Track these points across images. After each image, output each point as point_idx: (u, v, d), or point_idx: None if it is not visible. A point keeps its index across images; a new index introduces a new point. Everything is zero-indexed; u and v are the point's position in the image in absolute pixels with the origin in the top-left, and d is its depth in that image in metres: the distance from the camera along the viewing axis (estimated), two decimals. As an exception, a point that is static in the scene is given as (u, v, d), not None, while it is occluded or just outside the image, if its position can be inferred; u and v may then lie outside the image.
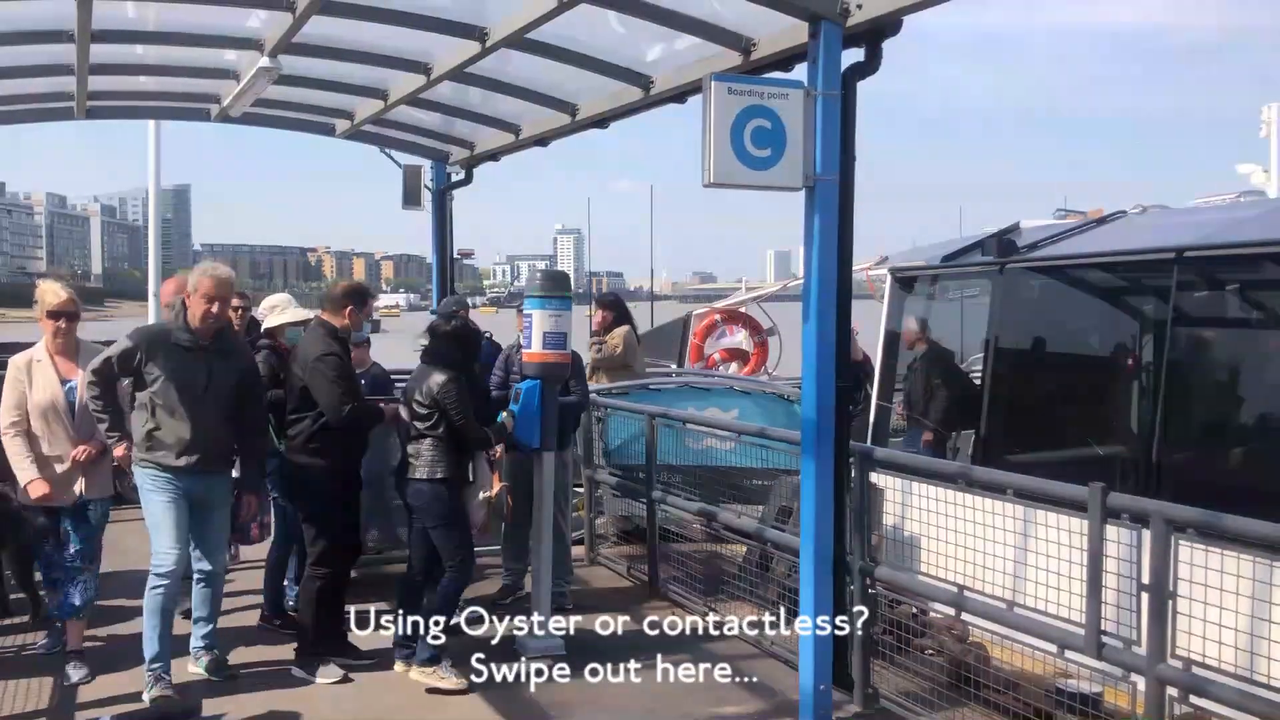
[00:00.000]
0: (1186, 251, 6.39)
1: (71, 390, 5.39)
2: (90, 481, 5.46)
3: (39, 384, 5.38)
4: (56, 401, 5.38)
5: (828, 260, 4.79)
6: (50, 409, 5.37)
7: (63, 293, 5.43)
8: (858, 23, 4.66)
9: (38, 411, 5.36)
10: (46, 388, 5.39)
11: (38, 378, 5.39)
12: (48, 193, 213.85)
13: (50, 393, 5.38)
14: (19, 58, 6.65)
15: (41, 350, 5.44)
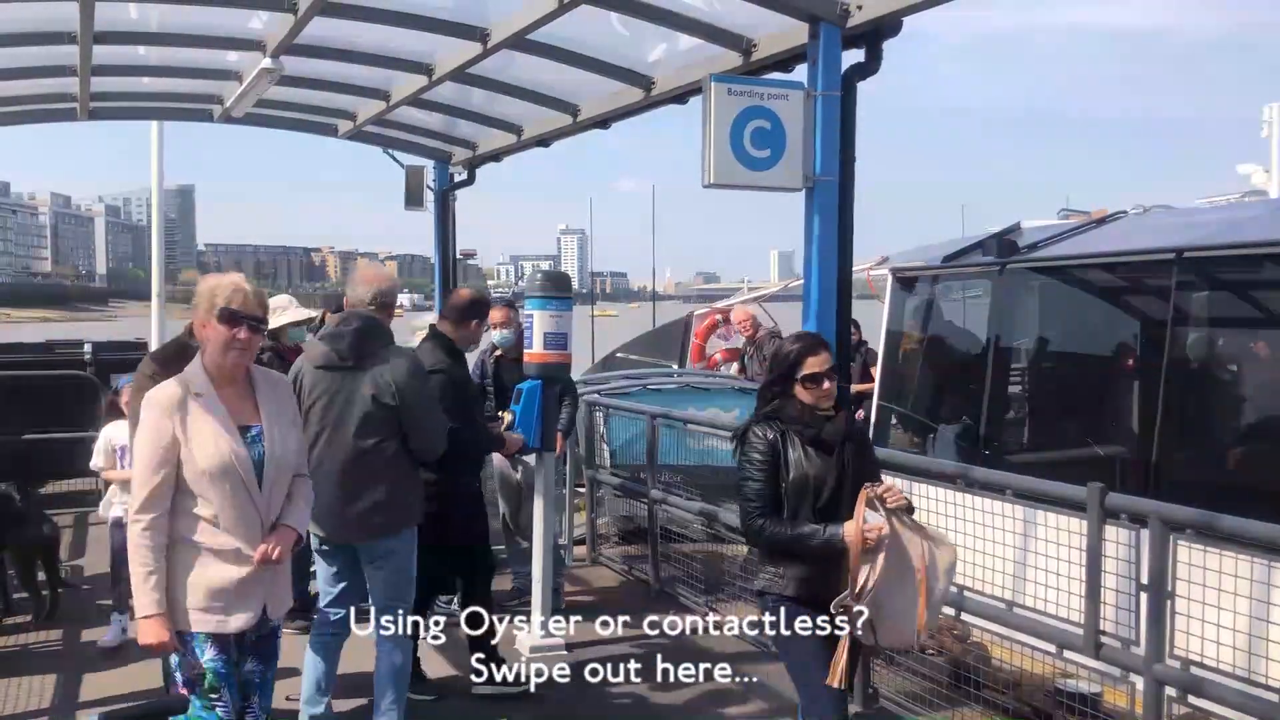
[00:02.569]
0: (1186, 252, 6.39)
1: (257, 441, 3.48)
2: (277, 594, 3.59)
3: (204, 433, 3.40)
4: (237, 461, 3.41)
5: (828, 260, 4.80)
6: (227, 474, 3.41)
7: (249, 288, 3.52)
8: (858, 23, 4.67)
9: (206, 479, 3.38)
10: (217, 439, 3.40)
11: (200, 424, 3.41)
12: (52, 193, 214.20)
13: (225, 447, 3.41)
14: (22, 59, 6.66)
15: (200, 376, 3.47)
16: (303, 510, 3.64)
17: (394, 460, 4.61)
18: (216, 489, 3.37)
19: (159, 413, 3.38)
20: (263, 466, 3.45)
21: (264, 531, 3.45)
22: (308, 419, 4.56)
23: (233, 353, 3.42)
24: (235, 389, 3.51)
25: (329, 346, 4.65)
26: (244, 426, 3.46)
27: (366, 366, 4.57)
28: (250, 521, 3.42)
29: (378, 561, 4.63)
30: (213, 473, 3.36)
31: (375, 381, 4.56)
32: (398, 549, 4.67)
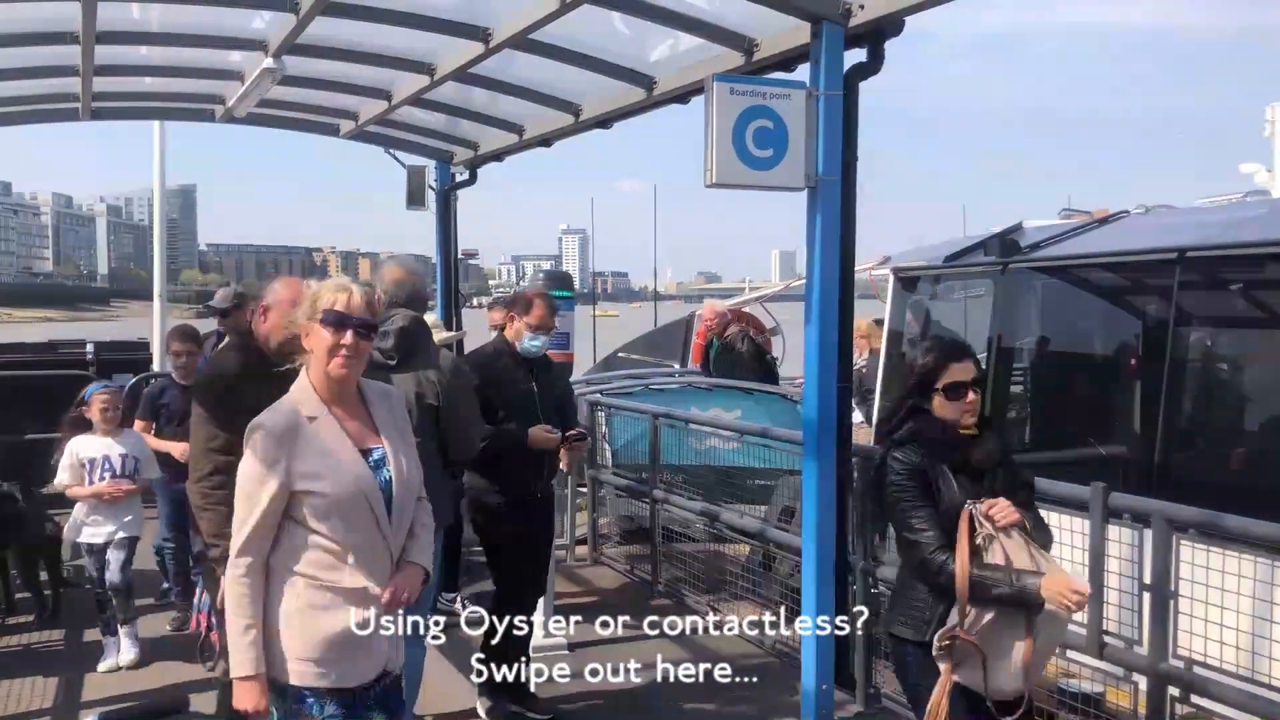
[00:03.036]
0: (1189, 252, 6.39)
1: (381, 466, 3.05)
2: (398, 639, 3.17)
3: (326, 460, 2.98)
4: (366, 490, 2.99)
5: (830, 260, 4.80)
6: (356, 504, 2.98)
7: (355, 288, 3.10)
8: (860, 23, 4.66)
9: (333, 511, 2.95)
10: (342, 465, 2.99)
11: (319, 449, 2.98)
12: (54, 193, 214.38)
13: (353, 474, 2.98)
14: (24, 59, 6.66)
15: (310, 396, 3.04)
16: (426, 543, 3.20)
17: (431, 461, 4.59)
18: (344, 521, 2.95)
19: (270, 441, 2.93)
20: (390, 494, 3.03)
21: (393, 568, 3.05)
22: None
23: (338, 359, 2.98)
24: (348, 407, 3.08)
25: (375, 346, 4.62)
26: (365, 450, 3.04)
27: (411, 366, 4.56)
28: (379, 557, 3.02)
29: None
30: (341, 503, 2.94)
31: (419, 381, 4.55)
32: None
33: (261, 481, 2.92)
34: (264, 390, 3.52)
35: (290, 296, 3.88)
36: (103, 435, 5.94)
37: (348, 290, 3.07)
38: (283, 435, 2.94)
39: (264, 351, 3.86)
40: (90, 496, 5.85)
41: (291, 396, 3.05)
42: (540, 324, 5.20)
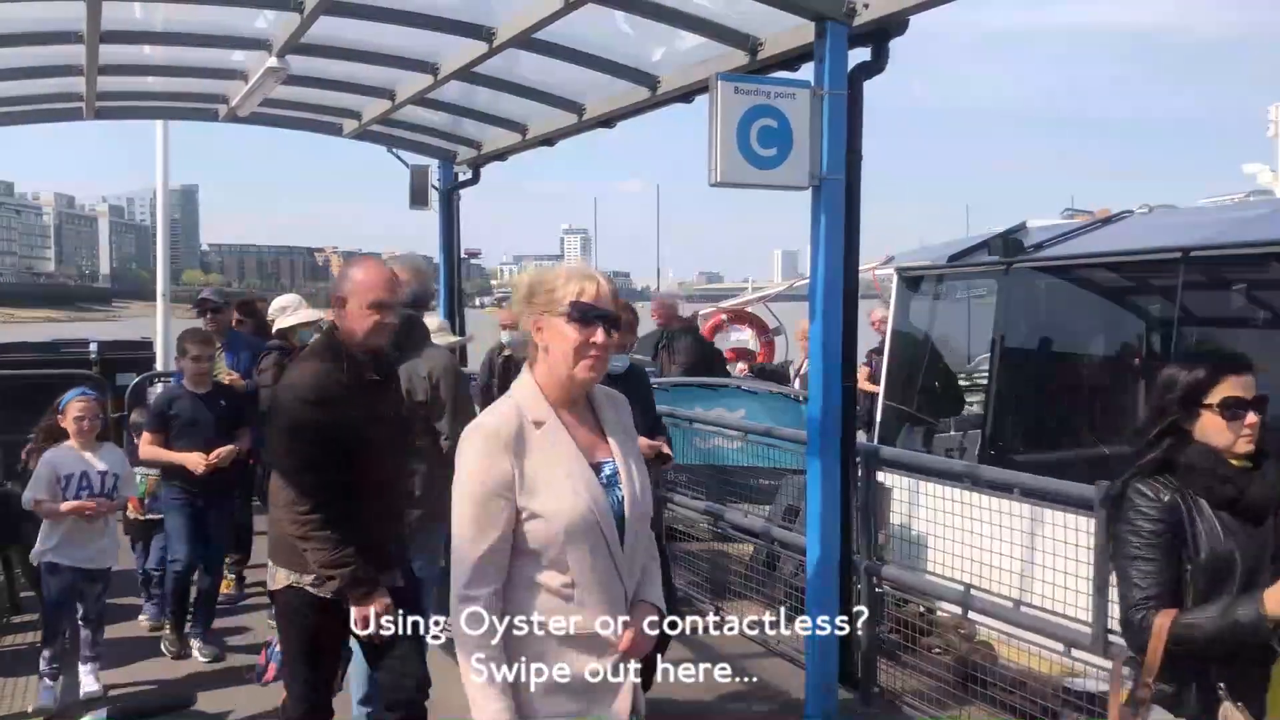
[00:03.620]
0: (1193, 251, 6.39)
1: (613, 484, 2.59)
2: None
3: (555, 476, 2.51)
4: (599, 513, 2.52)
5: (834, 260, 4.80)
6: (589, 530, 2.51)
7: (602, 278, 2.61)
8: (864, 22, 4.67)
9: (561, 538, 2.49)
10: (573, 483, 2.52)
11: (547, 463, 2.52)
12: (56, 193, 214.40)
13: (585, 494, 2.52)
14: (29, 59, 6.67)
15: (538, 399, 2.59)
16: (657, 577, 2.72)
17: (430, 459, 4.63)
18: (574, 551, 2.47)
19: (499, 447, 2.47)
20: (624, 518, 2.57)
21: (627, 604, 2.58)
22: None
23: (585, 362, 2.53)
24: (576, 413, 2.63)
25: None
26: (595, 464, 2.58)
27: (402, 362, 4.54)
28: (613, 594, 2.54)
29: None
30: (571, 529, 2.46)
31: (411, 377, 4.57)
32: (428, 543, 4.72)
33: (492, 495, 2.46)
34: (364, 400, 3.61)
35: (374, 281, 3.66)
36: (80, 448, 5.32)
37: (594, 279, 2.59)
38: (511, 441, 2.48)
39: (354, 354, 3.64)
40: (69, 514, 5.26)
41: (513, 397, 2.60)
42: None
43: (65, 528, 5.27)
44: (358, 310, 3.62)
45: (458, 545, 2.51)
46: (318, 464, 3.51)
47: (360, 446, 3.59)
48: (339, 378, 3.59)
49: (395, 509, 3.89)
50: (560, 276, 2.61)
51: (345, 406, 3.55)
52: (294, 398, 3.58)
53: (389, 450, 3.77)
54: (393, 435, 3.81)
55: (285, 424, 3.60)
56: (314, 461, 3.52)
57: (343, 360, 3.62)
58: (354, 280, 3.65)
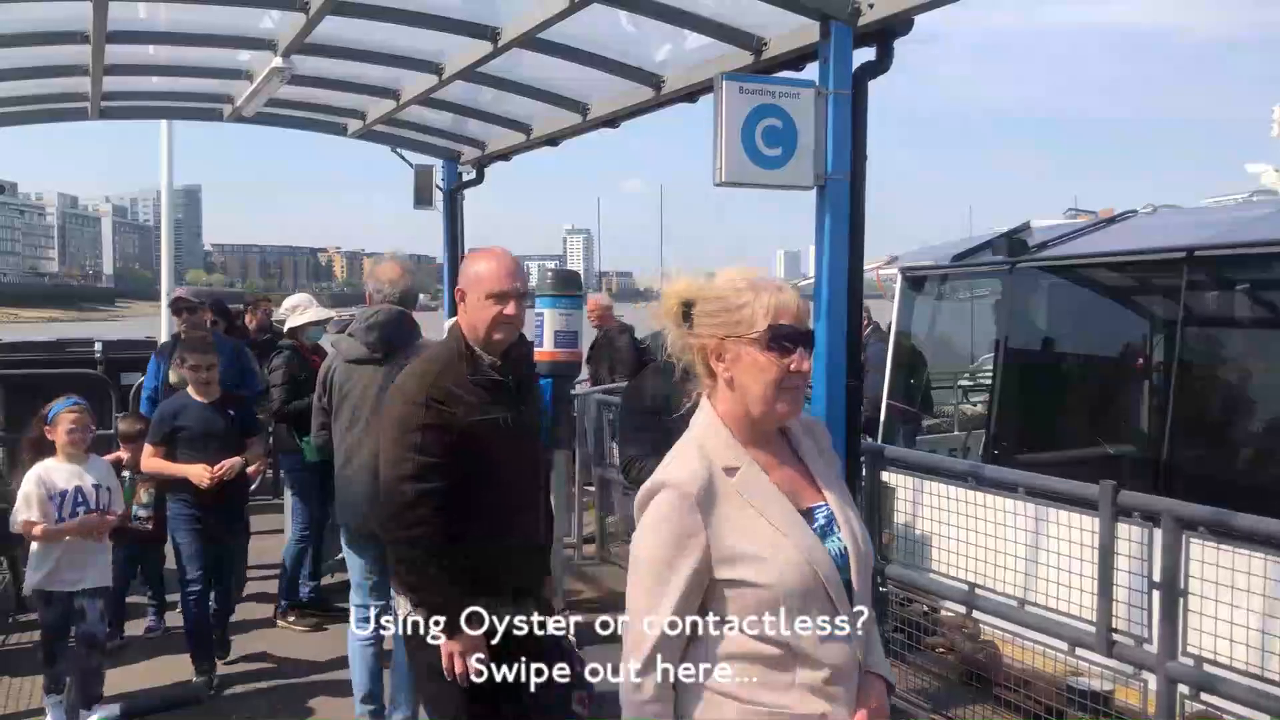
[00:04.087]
0: (1197, 251, 6.39)
1: (830, 532, 2.19)
2: None
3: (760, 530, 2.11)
4: (821, 570, 2.12)
5: (838, 259, 4.80)
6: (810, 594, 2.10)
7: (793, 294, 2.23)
8: (869, 22, 4.67)
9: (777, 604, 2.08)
10: (784, 537, 2.11)
11: (749, 516, 2.12)
12: (59, 193, 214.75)
13: (802, 549, 2.12)
14: (35, 59, 6.68)
15: (729, 442, 2.18)
16: (879, 643, 2.31)
17: None
18: (790, 618, 2.05)
19: (686, 507, 2.04)
20: (847, 572, 2.13)
21: (860, 674, 2.16)
22: (339, 413, 4.66)
23: (787, 396, 2.11)
24: (773, 451, 2.19)
25: (361, 340, 4.69)
26: (805, 510, 2.14)
27: (395, 359, 4.60)
28: (845, 664, 2.10)
29: None
30: (787, 593, 2.03)
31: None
32: None
33: (679, 563, 2.04)
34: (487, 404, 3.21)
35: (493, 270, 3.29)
36: (69, 461, 4.97)
37: (786, 290, 2.15)
38: (701, 498, 2.05)
39: (476, 352, 3.29)
40: (66, 534, 4.87)
41: (696, 438, 2.15)
42: None
43: (61, 550, 4.88)
44: (477, 303, 3.27)
45: (631, 620, 2.10)
46: (423, 475, 3.12)
47: (480, 458, 3.18)
48: (456, 378, 3.22)
49: (524, 532, 3.36)
50: (744, 289, 2.14)
51: (462, 411, 3.18)
52: (402, 400, 3.22)
53: (516, 464, 3.30)
54: (522, 446, 3.32)
55: (390, 429, 3.23)
56: (419, 471, 3.12)
57: (462, 359, 3.26)
58: (472, 271, 3.32)
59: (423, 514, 3.11)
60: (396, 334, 4.69)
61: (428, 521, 3.12)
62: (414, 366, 3.36)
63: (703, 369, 2.18)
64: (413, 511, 3.12)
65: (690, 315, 2.18)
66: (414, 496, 3.12)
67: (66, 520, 4.87)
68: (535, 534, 3.42)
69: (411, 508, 3.12)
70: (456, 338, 3.31)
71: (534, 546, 3.43)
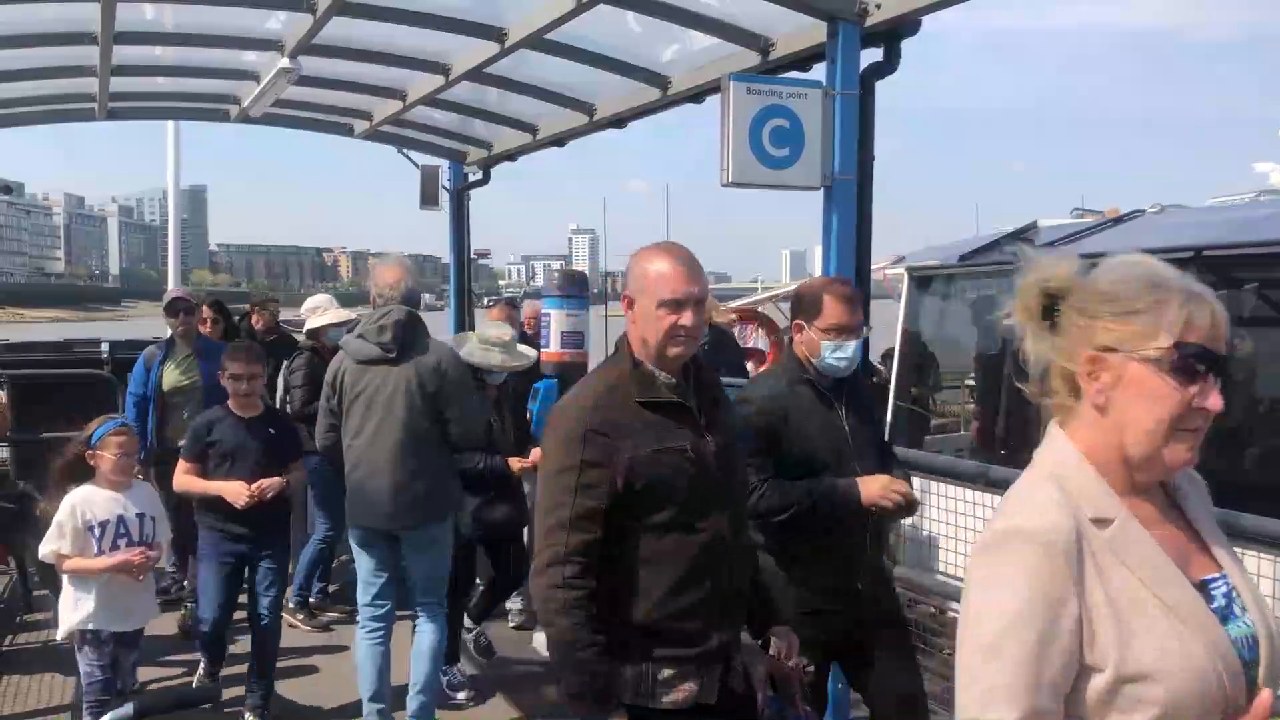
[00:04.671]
0: (1205, 250, 6.37)
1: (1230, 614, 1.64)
2: None
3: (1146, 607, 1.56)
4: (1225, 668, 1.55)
5: (845, 260, 4.80)
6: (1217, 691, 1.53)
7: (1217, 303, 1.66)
8: (876, 22, 4.67)
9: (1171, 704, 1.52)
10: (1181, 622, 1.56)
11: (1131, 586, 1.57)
12: (66, 193, 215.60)
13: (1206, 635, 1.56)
14: (42, 59, 6.70)
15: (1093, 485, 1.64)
16: None
17: (439, 448, 4.76)
18: None
19: (1053, 565, 1.54)
20: (1255, 668, 1.59)
21: None
22: (349, 415, 4.68)
23: (1183, 440, 1.63)
24: (1153, 501, 1.69)
25: (373, 341, 4.72)
26: (1199, 584, 1.62)
27: (408, 358, 4.68)
28: None
29: (423, 546, 4.76)
30: (1180, 696, 1.51)
31: (419, 371, 4.67)
32: (441, 535, 4.83)
33: (1049, 636, 1.52)
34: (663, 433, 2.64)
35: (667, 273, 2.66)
36: (111, 489, 4.45)
37: (1203, 297, 1.62)
38: (1072, 552, 1.55)
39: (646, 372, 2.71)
40: (110, 570, 4.33)
41: (1052, 475, 1.65)
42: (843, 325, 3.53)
43: (102, 586, 4.35)
44: (648, 311, 2.66)
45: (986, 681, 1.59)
46: (581, 522, 2.57)
47: (656, 497, 2.62)
48: (622, 403, 2.65)
49: (714, 580, 2.68)
50: (1144, 287, 1.62)
51: (632, 443, 2.60)
52: (556, 433, 2.67)
53: (703, 503, 2.67)
54: (710, 481, 2.68)
55: (543, 467, 2.73)
56: (577, 517, 2.57)
57: (631, 379, 2.67)
58: (643, 272, 2.70)
59: (576, 570, 2.55)
60: (408, 334, 4.72)
61: (583, 577, 2.56)
62: (571, 392, 2.83)
63: (1063, 386, 1.69)
64: (566, 567, 2.55)
65: (1056, 313, 1.70)
66: (571, 549, 2.56)
67: (107, 554, 4.32)
68: (726, 580, 2.72)
69: (567, 561, 2.55)
70: (624, 354, 2.72)
71: (726, 595, 2.73)
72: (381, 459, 4.64)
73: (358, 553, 4.85)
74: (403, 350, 4.69)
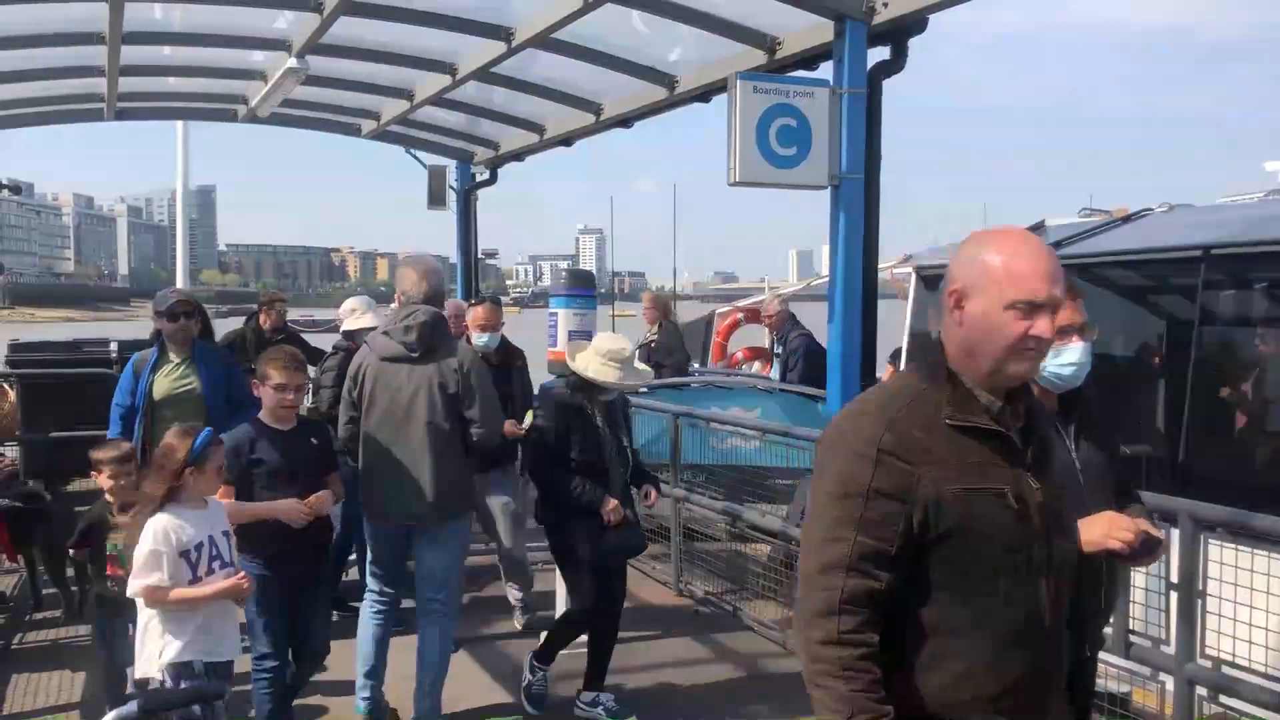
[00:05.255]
0: (1214, 249, 6.34)
1: None
2: None
3: None
4: None
5: (853, 259, 4.81)
6: None
7: None
8: (883, 21, 4.67)
9: None
10: None
11: None
12: (75, 193, 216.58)
13: None
14: (51, 60, 6.73)
15: None
16: None
17: (458, 448, 4.80)
18: None
19: None
20: None
21: None
22: (370, 411, 4.73)
23: None
24: None
25: (398, 340, 4.77)
26: None
27: (432, 358, 4.73)
28: None
29: (439, 542, 4.80)
30: None
31: (441, 371, 4.71)
32: (458, 531, 4.89)
33: None
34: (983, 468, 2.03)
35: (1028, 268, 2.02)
36: (194, 508, 3.92)
37: None
38: None
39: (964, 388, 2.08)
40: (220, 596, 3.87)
41: None
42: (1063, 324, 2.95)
43: (201, 617, 3.85)
44: (988, 313, 2.03)
45: None
46: (864, 564, 2.00)
47: (953, 548, 2.02)
48: (928, 421, 2.04)
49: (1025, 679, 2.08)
50: None
51: (936, 473, 2.00)
52: (836, 446, 2.09)
53: (1016, 566, 2.04)
54: (1030, 541, 2.06)
55: (816, 487, 2.12)
56: (859, 557, 2.00)
57: (942, 394, 2.08)
58: (986, 261, 2.06)
59: (855, 623, 2.00)
60: (434, 334, 4.76)
61: (859, 640, 2.00)
62: (859, 400, 2.21)
63: None
64: (842, 618, 1.99)
65: None
66: (852, 595, 1.99)
67: (204, 580, 3.83)
68: (1040, 667, 2.11)
69: (840, 612, 1.99)
70: (934, 361, 2.14)
71: (1039, 687, 2.12)
72: (401, 456, 4.70)
73: (371, 543, 4.91)
74: (426, 351, 4.73)
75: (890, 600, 2.01)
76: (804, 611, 2.04)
